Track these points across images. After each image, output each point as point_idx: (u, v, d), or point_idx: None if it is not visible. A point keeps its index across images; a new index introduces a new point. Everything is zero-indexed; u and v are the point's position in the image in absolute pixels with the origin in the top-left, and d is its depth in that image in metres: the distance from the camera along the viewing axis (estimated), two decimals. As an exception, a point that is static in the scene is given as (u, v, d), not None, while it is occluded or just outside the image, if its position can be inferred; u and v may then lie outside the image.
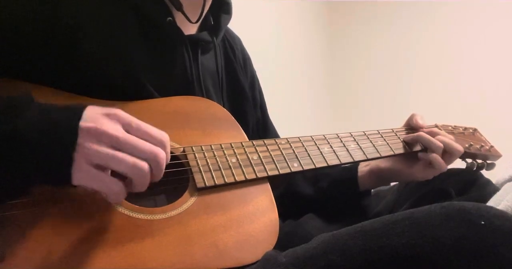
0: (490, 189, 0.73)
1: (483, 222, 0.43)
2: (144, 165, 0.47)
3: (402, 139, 0.81)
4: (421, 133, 0.80)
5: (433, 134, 0.79)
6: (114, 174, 0.48)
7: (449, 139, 0.79)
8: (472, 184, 0.76)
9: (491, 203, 0.63)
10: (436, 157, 0.77)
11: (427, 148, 0.79)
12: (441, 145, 0.77)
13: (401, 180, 0.87)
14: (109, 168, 0.47)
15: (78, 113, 0.47)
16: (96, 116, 0.47)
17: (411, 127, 0.85)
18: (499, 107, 2.26)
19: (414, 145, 0.81)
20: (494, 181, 0.78)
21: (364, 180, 0.85)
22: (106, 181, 0.47)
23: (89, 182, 0.46)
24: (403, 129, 0.85)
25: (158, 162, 0.49)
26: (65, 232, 0.48)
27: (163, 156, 0.49)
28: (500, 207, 0.56)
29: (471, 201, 0.48)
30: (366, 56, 2.77)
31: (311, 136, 0.73)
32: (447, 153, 0.78)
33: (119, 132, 0.47)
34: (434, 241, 0.43)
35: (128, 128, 0.49)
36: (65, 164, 0.45)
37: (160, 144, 0.50)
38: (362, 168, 0.86)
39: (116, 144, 0.47)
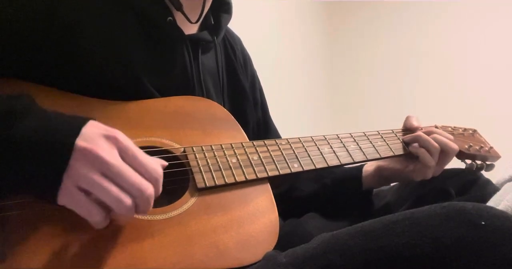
0: (490, 189, 0.73)
1: (483, 223, 0.43)
2: (128, 201, 0.45)
3: (401, 140, 0.81)
4: (419, 133, 0.80)
5: (431, 134, 0.79)
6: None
7: (446, 138, 0.79)
8: (472, 184, 0.76)
9: (491, 203, 0.63)
10: (423, 152, 0.77)
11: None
12: (437, 145, 0.77)
13: (400, 180, 0.87)
14: (92, 194, 0.45)
15: (76, 130, 0.46)
16: (94, 136, 0.46)
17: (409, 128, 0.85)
18: (499, 108, 2.26)
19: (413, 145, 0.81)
20: (494, 181, 0.78)
21: (368, 180, 0.86)
22: (89, 208, 0.45)
23: (72, 205, 0.45)
24: (403, 130, 0.85)
25: (144, 199, 0.47)
26: (65, 233, 0.48)
27: (151, 193, 0.47)
28: (500, 207, 0.56)
29: (471, 201, 0.48)
30: (366, 56, 2.77)
31: (311, 137, 0.73)
32: (443, 152, 0.78)
33: (113, 159, 0.45)
34: (434, 241, 0.43)
35: (124, 154, 0.47)
36: (53, 184, 0.44)
37: (153, 180, 0.48)
38: (367, 167, 0.87)
39: (107, 171, 0.45)
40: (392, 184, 0.91)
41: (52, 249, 0.47)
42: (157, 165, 0.49)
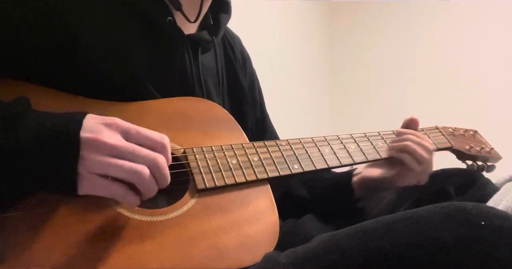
0: (490, 189, 0.72)
1: (483, 222, 0.43)
2: (142, 168, 0.48)
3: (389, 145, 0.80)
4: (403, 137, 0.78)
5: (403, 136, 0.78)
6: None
7: (418, 139, 0.76)
8: (472, 184, 0.76)
9: (491, 203, 0.63)
10: (405, 155, 0.75)
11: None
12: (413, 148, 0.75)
13: (385, 188, 0.83)
14: (109, 175, 0.48)
15: (78, 123, 0.48)
16: (95, 126, 0.48)
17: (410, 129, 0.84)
18: (499, 107, 2.26)
19: None
20: (494, 181, 0.78)
21: (355, 188, 0.83)
22: (109, 186, 0.48)
23: (95, 189, 0.48)
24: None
25: (158, 166, 0.49)
26: (65, 234, 0.48)
27: (163, 160, 0.50)
28: (500, 207, 0.56)
29: (471, 201, 0.48)
30: (366, 56, 2.77)
31: (311, 138, 0.73)
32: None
33: (118, 141, 0.48)
34: (435, 241, 0.43)
35: (127, 135, 0.50)
36: (70, 177, 0.46)
37: (160, 147, 0.51)
38: (355, 176, 0.84)
39: (116, 153, 0.48)
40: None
41: (52, 250, 0.47)
42: (160, 134, 0.52)
